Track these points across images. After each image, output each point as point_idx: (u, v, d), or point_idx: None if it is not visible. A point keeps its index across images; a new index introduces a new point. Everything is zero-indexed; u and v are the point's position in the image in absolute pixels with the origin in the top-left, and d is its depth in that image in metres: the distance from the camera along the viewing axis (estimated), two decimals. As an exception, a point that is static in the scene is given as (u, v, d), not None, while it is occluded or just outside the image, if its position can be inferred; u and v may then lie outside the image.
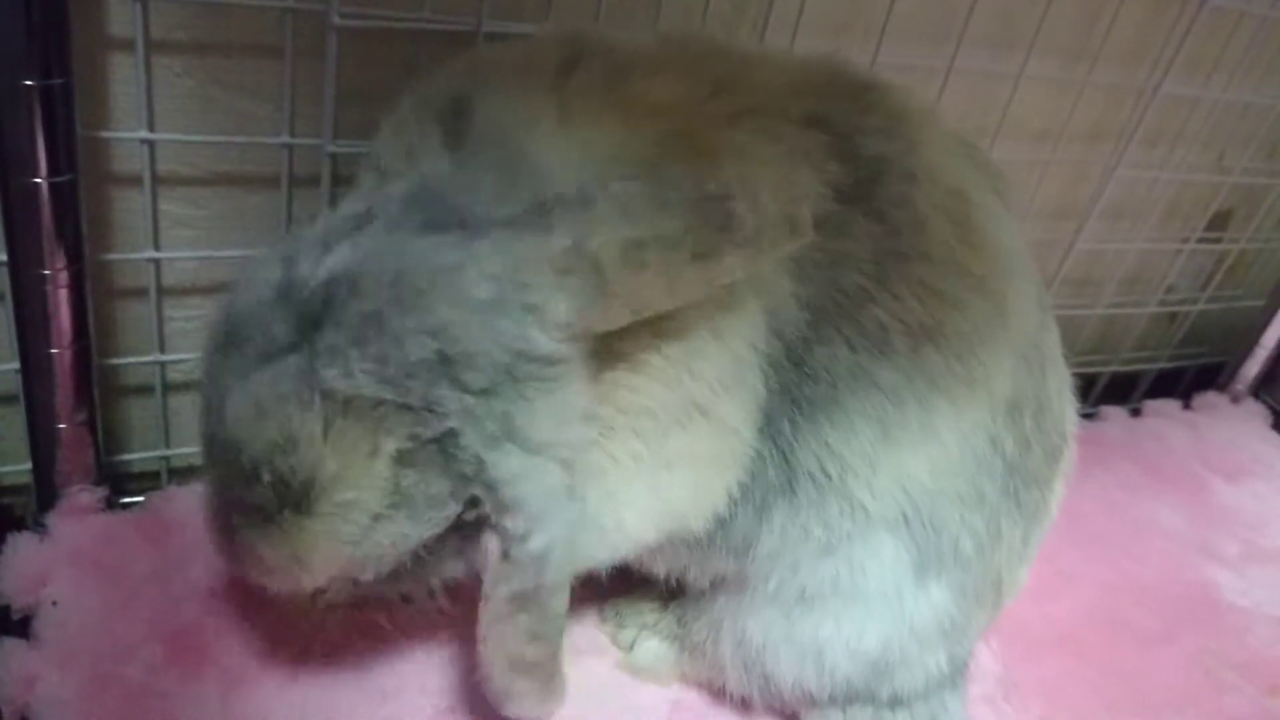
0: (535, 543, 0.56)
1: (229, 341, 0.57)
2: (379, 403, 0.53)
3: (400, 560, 0.59)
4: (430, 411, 0.53)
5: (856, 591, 0.69)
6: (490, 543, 0.58)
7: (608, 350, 0.59)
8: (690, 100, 0.64)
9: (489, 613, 0.59)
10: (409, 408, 0.53)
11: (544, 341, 0.54)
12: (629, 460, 0.61)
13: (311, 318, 0.54)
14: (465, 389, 0.53)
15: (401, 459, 0.54)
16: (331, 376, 0.53)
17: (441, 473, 0.55)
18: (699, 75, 0.65)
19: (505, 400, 0.54)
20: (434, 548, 0.60)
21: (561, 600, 0.60)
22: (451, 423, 0.53)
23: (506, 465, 0.55)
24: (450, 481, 0.55)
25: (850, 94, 0.69)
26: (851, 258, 0.64)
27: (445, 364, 0.53)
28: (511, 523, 0.56)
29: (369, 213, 0.58)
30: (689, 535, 0.67)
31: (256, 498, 0.55)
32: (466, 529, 0.59)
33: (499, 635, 0.60)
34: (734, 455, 0.65)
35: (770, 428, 0.65)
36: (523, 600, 0.58)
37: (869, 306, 0.64)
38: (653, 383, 0.60)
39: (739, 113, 0.64)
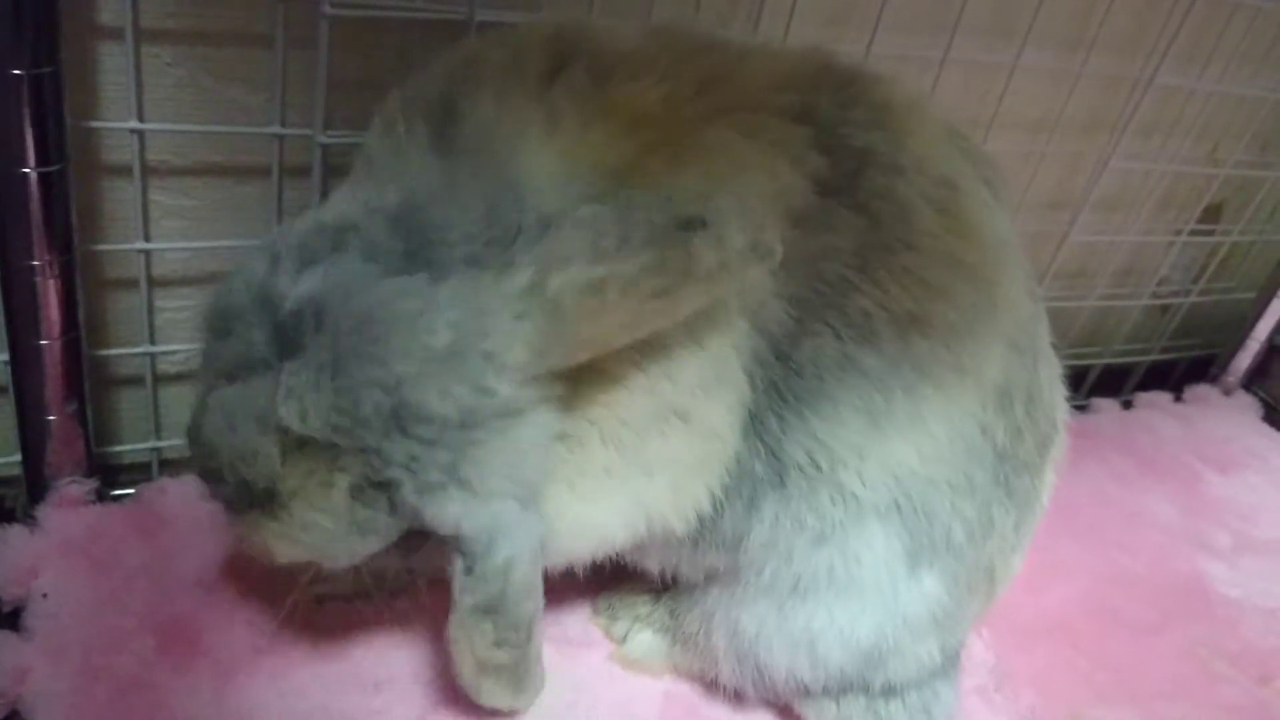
0: (496, 558, 0.59)
1: (215, 332, 0.59)
2: (332, 445, 0.55)
3: (358, 559, 0.61)
4: (380, 457, 0.55)
5: (851, 581, 0.69)
6: (454, 557, 0.60)
7: (583, 368, 0.59)
8: (674, 101, 0.64)
9: (455, 620, 0.62)
10: (361, 450, 0.55)
11: (501, 387, 0.55)
12: (601, 472, 0.62)
13: (284, 340, 0.56)
14: (415, 439, 0.55)
15: (355, 493, 0.57)
16: (288, 415, 0.55)
17: (389, 511, 0.58)
18: (684, 74, 0.65)
19: (452, 450, 0.55)
20: (411, 545, 0.62)
21: (528, 605, 0.62)
22: (393, 473, 0.55)
23: (446, 511, 0.57)
24: (398, 520, 0.58)
25: (837, 86, 0.69)
26: (834, 249, 0.64)
27: (397, 418, 0.54)
28: (467, 545, 0.58)
29: (353, 227, 0.59)
30: (671, 535, 0.67)
31: (228, 492, 0.59)
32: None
33: (465, 640, 0.63)
34: (717, 459, 0.65)
35: (757, 424, 0.65)
36: (487, 610, 0.61)
37: (853, 296, 0.64)
38: (630, 394, 0.61)
39: (721, 110, 0.64)
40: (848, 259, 0.64)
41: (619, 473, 0.63)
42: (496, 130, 0.62)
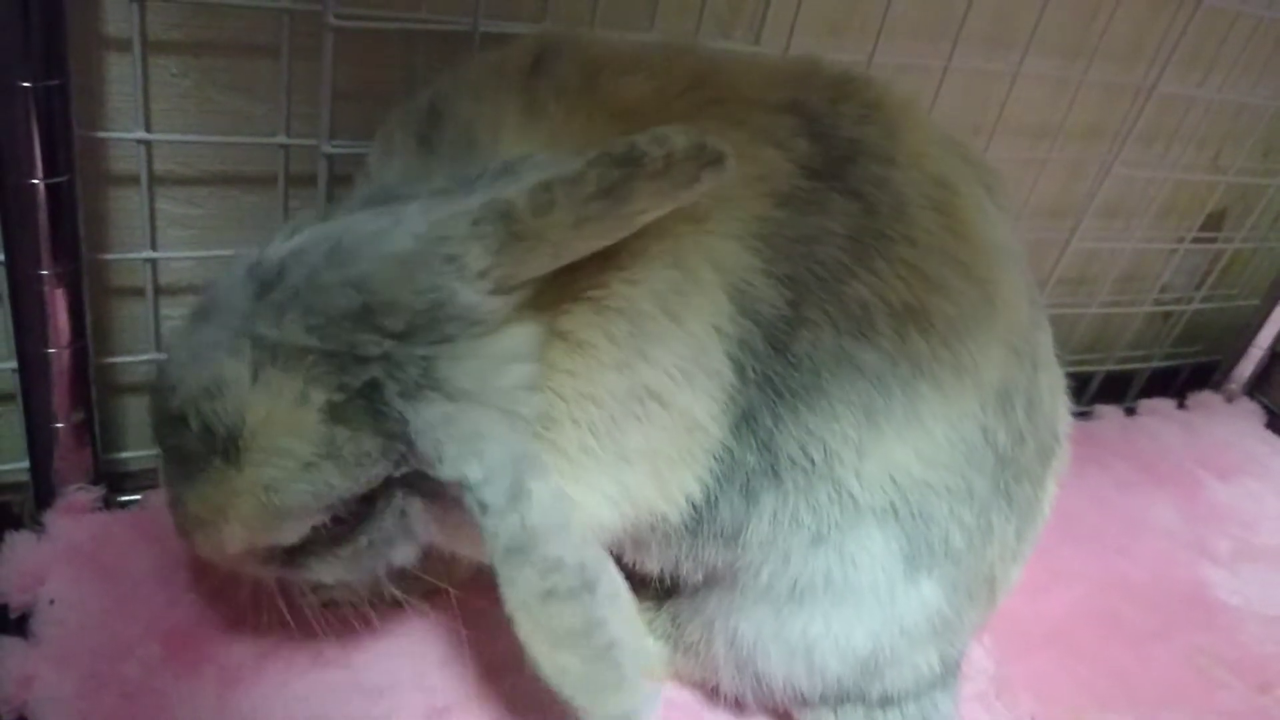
0: (499, 484, 0.55)
1: (199, 315, 0.60)
2: (307, 351, 0.55)
3: (319, 516, 0.59)
4: (354, 358, 0.55)
5: (848, 585, 0.69)
6: (471, 508, 0.56)
7: (548, 331, 0.60)
8: (663, 96, 0.64)
9: (501, 583, 0.56)
10: (334, 355, 0.55)
11: (465, 290, 0.55)
12: (578, 453, 0.61)
13: (261, 285, 0.57)
14: (385, 333, 0.55)
15: (333, 413, 0.56)
16: (263, 325, 0.56)
17: (371, 429, 0.56)
18: (674, 71, 0.66)
19: (426, 345, 0.56)
20: (375, 531, 0.62)
21: (567, 545, 0.56)
22: (374, 371, 0.55)
23: (428, 414, 0.56)
24: (380, 439, 0.56)
25: (828, 84, 0.69)
26: (827, 232, 0.64)
27: (367, 311, 0.55)
28: (457, 470, 0.56)
29: (332, 210, 0.62)
30: (667, 523, 0.67)
31: (187, 444, 0.57)
32: (401, 506, 0.61)
33: (517, 599, 0.56)
34: (702, 451, 0.64)
35: (749, 418, 0.64)
36: (519, 549, 0.55)
37: (850, 283, 0.64)
38: (599, 366, 0.60)
39: (709, 103, 0.64)
40: (842, 243, 0.64)
41: (599, 456, 0.62)
42: (475, 123, 0.63)
